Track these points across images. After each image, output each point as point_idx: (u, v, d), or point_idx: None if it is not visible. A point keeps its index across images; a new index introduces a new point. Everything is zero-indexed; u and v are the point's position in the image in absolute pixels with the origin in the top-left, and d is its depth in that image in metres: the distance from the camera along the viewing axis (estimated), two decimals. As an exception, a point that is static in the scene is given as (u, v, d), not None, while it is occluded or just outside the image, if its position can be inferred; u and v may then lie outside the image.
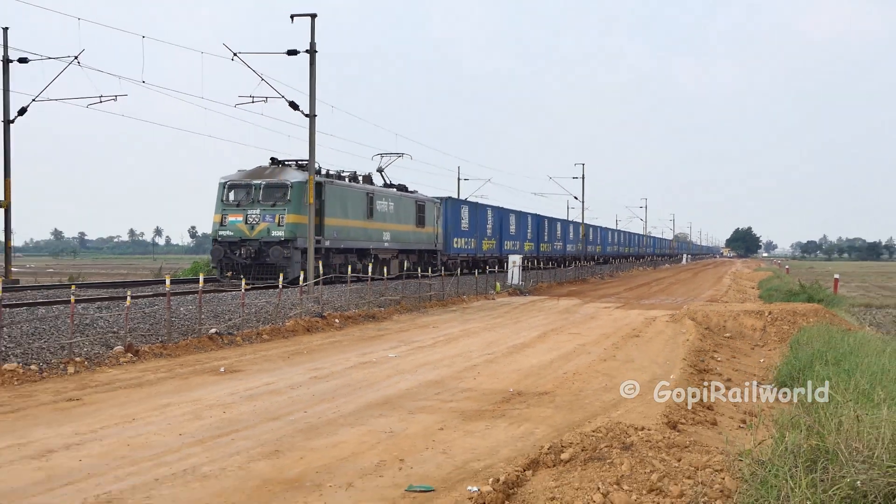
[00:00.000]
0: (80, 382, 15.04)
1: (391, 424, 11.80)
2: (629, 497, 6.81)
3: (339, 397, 13.97)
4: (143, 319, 20.62)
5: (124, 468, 9.41)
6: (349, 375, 16.39)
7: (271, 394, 14.27)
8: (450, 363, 18.22)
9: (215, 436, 11.04)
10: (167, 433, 11.15)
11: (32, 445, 10.38)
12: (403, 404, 13.38)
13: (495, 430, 11.58)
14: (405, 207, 44.22)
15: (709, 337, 22.78)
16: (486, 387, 15.12)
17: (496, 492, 7.36)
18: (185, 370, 16.76)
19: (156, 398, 13.71)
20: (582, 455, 7.89)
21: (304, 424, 11.80)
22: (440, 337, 23.57)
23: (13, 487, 8.62)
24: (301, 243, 31.66)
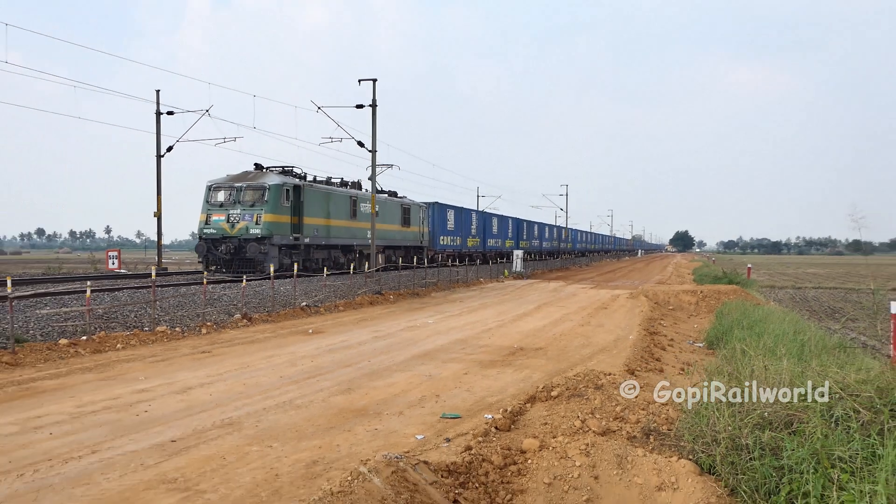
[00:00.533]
0: (209, 340, 15.11)
1: (430, 370, 11.79)
2: (600, 423, 6.74)
3: (393, 351, 13.96)
4: (254, 296, 20.72)
5: (241, 400, 9.44)
6: (400, 336, 16.39)
7: (345, 348, 14.28)
8: (471, 327, 18.19)
9: (305, 378, 11.05)
10: (271, 376, 11.18)
11: (177, 384, 10.43)
12: (438, 356, 13.36)
13: (504, 375, 11.54)
14: (391, 210, 38.57)
15: (657, 309, 22.69)
16: (497, 344, 15.08)
17: (504, 418, 7.34)
18: (284, 331, 16.80)
19: (263, 351, 13.76)
20: (566, 393, 7.84)
21: (367, 370, 11.80)
22: (464, 309, 23.55)
23: (164, 413, 8.67)
24: (277, 240, 27.04)
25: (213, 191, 27.63)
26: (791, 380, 6.22)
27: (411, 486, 5.36)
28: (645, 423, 6.78)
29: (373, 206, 32.48)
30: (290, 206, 27.75)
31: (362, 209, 34.26)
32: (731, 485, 5.42)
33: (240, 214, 26.61)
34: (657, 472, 5.70)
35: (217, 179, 28.20)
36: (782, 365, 6.68)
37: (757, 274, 47.29)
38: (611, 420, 6.89)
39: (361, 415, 8.75)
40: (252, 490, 6.02)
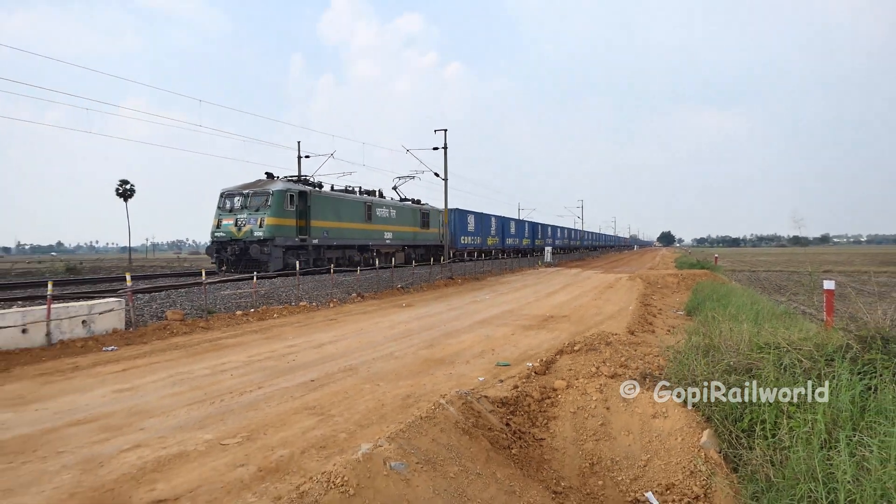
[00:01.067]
0: (336, 311, 15.35)
1: (487, 332, 11.74)
2: (610, 369, 6.61)
3: (461, 318, 13.96)
4: (365, 281, 20.97)
5: (357, 353, 9.56)
6: (466, 308, 16.37)
7: (428, 317, 14.34)
8: (515, 301, 18.06)
9: (401, 337, 11.13)
10: (377, 336, 11.29)
11: (314, 341, 10.62)
12: (493, 322, 13.30)
13: (540, 335, 11.42)
14: (409, 214, 32.65)
15: (649, 287, 22.15)
16: (534, 313, 14.94)
17: (541, 366, 7.26)
18: (386, 305, 16.96)
19: (372, 319, 13.91)
20: (584, 347, 7.71)
21: (443, 332, 11.82)
22: (510, 289, 23.41)
23: (306, 362, 8.83)
24: (281, 241, 21.93)
25: (225, 198, 23.16)
26: (749, 338, 6.02)
27: (476, 413, 5.36)
28: (643, 370, 6.63)
29: (445, 217, 32.56)
30: (294, 211, 22.73)
31: (378, 213, 29.07)
32: (707, 414, 5.28)
33: (246, 219, 22.00)
34: (652, 405, 5.58)
35: (229, 188, 23.67)
36: (743, 327, 6.47)
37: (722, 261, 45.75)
38: (618, 367, 6.75)
39: (440, 363, 8.78)
40: (366, 415, 6.11)
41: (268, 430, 5.60)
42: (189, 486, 4.29)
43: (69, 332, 10.05)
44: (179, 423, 5.79)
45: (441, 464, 4.32)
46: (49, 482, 4.37)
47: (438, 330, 12.07)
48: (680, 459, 4.91)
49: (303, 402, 6.60)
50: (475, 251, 43.58)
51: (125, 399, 6.71)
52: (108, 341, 10.15)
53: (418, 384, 7.43)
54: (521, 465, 5.00)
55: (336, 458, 4.51)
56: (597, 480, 5.06)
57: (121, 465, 4.71)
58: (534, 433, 5.62)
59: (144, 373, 8.07)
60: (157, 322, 11.93)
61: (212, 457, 4.88)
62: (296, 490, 3.68)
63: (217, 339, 10.90)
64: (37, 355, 9.02)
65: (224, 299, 14.77)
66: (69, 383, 7.48)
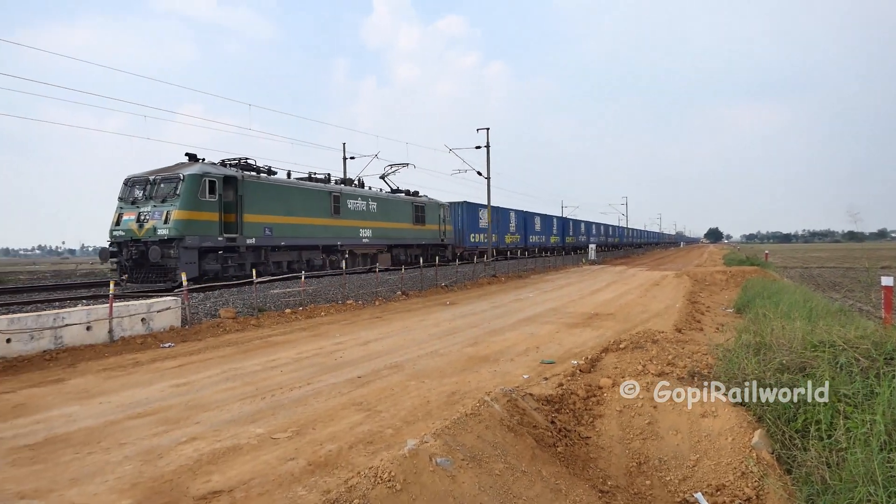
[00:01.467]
0: (381, 309, 15.50)
1: (531, 330, 11.68)
2: (657, 367, 6.50)
3: (505, 316, 13.92)
4: (410, 279, 21.09)
5: (402, 350, 9.63)
6: (509, 305, 16.32)
7: (472, 314, 14.35)
8: (560, 299, 17.90)
9: (445, 335, 11.17)
10: (422, 333, 11.36)
11: (360, 339, 10.76)
12: (537, 319, 13.22)
13: (585, 333, 11.30)
14: (397, 208, 27.26)
15: (696, 285, 21.63)
16: (579, 311, 14.78)
17: (586, 363, 7.19)
18: (430, 303, 17.04)
19: (416, 317, 14.00)
20: (630, 345, 7.60)
21: (488, 329, 11.81)
22: (554, 286, 23.21)
23: (352, 359, 8.95)
24: (193, 241, 16.19)
25: (129, 186, 17.28)
26: (802, 336, 5.82)
27: (521, 411, 5.34)
28: (690, 368, 6.48)
29: (489, 218, 32.46)
30: (217, 202, 16.80)
31: (351, 206, 23.45)
32: (759, 414, 5.13)
33: (150, 212, 16.39)
34: (701, 404, 5.45)
35: (136, 174, 17.61)
36: (795, 325, 6.25)
37: (773, 258, 44.15)
38: (664, 365, 6.63)
39: (484, 361, 8.77)
40: (412, 411, 6.16)
41: (316, 425, 5.71)
42: (242, 479, 4.41)
43: (130, 329, 10.45)
44: (233, 417, 5.96)
45: (486, 461, 4.33)
46: (112, 472, 4.56)
47: (482, 328, 12.06)
48: (731, 460, 4.79)
49: (350, 398, 6.70)
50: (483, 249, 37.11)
51: (182, 393, 6.94)
52: (166, 338, 10.51)
53: (463, 381, 7.44)
54: (567, 464, 4.96)
55: (383, 453, 4.56)
56: (644, 480, 4.98)
57: (178, 456, 4.88)
58: (579, 431, 5.57)
59: (199, 368, 8.33)
60: (210, 320, 12.29)
61: (263, 450, 5.01)
62: (344, 484, 3.75)
63: (267, 336, 11.16)
64: (100, 351, 9.41)
65: (274, 298, 15.09)
66: (130, 378, 7.79)
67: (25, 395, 6.95)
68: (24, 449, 5.10)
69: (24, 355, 8.68)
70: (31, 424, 5.80)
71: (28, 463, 4.78)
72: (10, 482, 4.39)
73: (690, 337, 9.54)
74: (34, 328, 8.98)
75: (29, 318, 9.01)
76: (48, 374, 7.98)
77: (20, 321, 8.86)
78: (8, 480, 4.42)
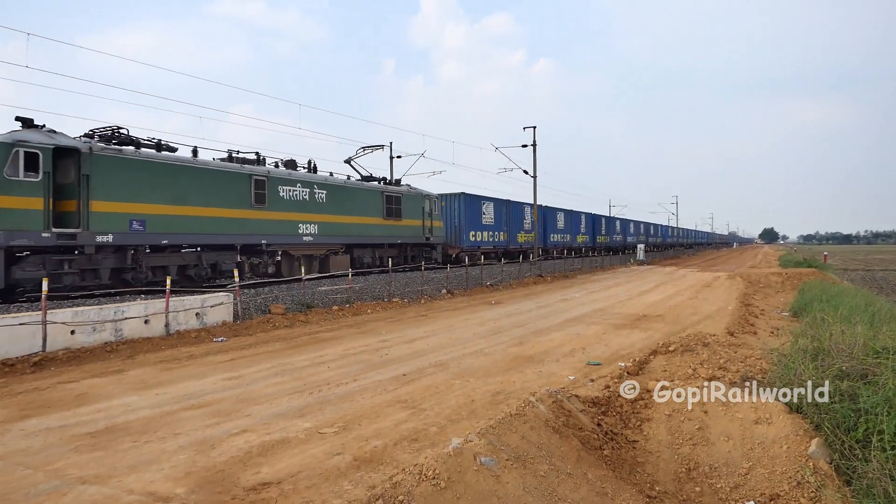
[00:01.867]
0: (426, 307, 15.57)
1: (578, 330, 11.53)
2: (707, 371, 6.32)
3: (551, 316, 13.78)
4: (455, 278, 21.11)
5: (447, 348, 9.65)
6: (555, 305, 16.16)
7: (517, 314, 14.26)
8: (607, 300, 17.62)
9: (490, 334, 11.14)
10: (467, 332, 11.35)
11: (406, 337, 10.82)
12: (583, 320, 13.04)
13: (632, 334, 11.09)
14: (358, 198, 20.89)
15: (750, 287, 20.97)
16: (626, 312, 14.52)
17: (634, 366, 7.05)
18: (475, 302, 17.02)
19: (461, 315, 14.00)
20: (680, 348, 7.41)
21: (533, 329, 11.72)
22: (601, 287, 22.86)
23: (398, 356, 9.02)
24: (2, 240, 11.18)
25: None
26: (864, 342, 5.56)
27: (566, 412, 5.27)
28: (743, 373, 6.27)
29: (535, 215, 32.16)
30: (41, 183, 11.61)
31: (283, 194, 17.62)
32: (816, 422, 4.92)
33: None
34: (754, 410, 5.27)
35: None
36: (857, 329, 5.98)
37: (832, 259, 42.38)
38: (716, 369, 6.43)
39: (529, 361, 8.71)
40: (456, 409, 6.15)
41: (362, 420, 5.77)
42: (290, 471, 4.49)
43: (185, 323, 10.79)
44: (281, 411, 6.08)
45: (531, 462, 4.29)
46: (167, 461, 4.71)
47: (528, 328, 11.97)
48: (785, 469, 4.61)
49: (395, 395, 6.74)
50: (493, 251, 31.69)
51: (233, 387, 7.12)
52: (218, 332, 10.80)
53: (508, 381, 7.40)
54: (614, 467, 4.87)
55: (427, 451, 4.57)
56: (694, 486, 4.84)
57: (229, 448, 5.01)
58: (626, 434, 5.46)
59: (250, 362, 8.53)
60: (261, 315, 12.58)
61: (311, 444, 5.09)
62: (389, 480, 3.77)
63: (315, 332, 11.35)
64: (157, 344, 9.75)
65: (321, 295, 15.34)
66: (184, 370, 8.04)
67: (88, 384, 7.25)
68: (85, 436, 5.32)
69: (87, 346, 9.07)
70: (92, 413, 6.05)
71: (89, 450, 4.98)
72: (73, 468, 4.58)
73: (743, 341, 9.25)
74: (96, 321, 9.37)
75: (92, 311, 9.41)
76: (109, 365, 8.31)
77: (83, 314, 9.26)
78: (71, 466, 4.62)
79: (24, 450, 4.98)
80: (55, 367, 8.15)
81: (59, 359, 8.43)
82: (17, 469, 4.55)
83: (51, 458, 4.77)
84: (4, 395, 6.75)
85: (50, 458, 4.79)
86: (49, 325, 8.65)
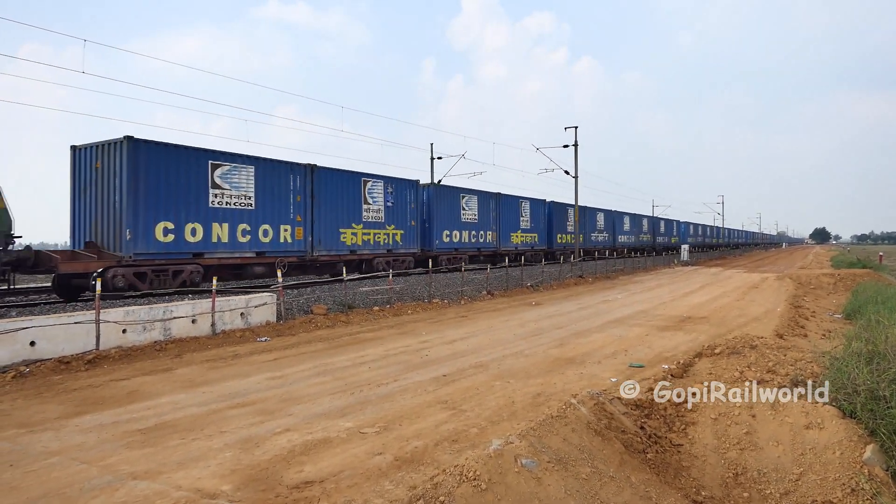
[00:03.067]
0: (466, 308, 15.56)
1: (619, 332, 11.36)
2: (755, 374, 6.13)
3: (592, 318, 13.61)
4: (496, 279, 21.03)
5: (488, 349, 9.62)
6: (596, 307, 15.94)
7: (557, 315, 14.13)
8: (649, 301, 17.30)
9: (530, 335, 11.06)
10: (507, 333, 11.30)
11: (446, 337, 10.83)
12: (625, 322, 12.83)
13: (676, 336, 10.86)
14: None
15: (800, 288, 20.31)
16: (670, 314, 14.22)
17: (678, 368, 6.90)
18: (515, 303, 16.93)
19: (501, 316, 13.95)
20: (726, 351, 7.21)
21: (574, 331, 11.59)
22: (644, 288, 22.45)
23: (438, 357, 9.03)
24: None
25: None
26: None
27: (608, 414, 5.19)
28: (793, 376, 6.07)
29: (576, 216, 31.82)
30: None
31: None
32: (871, 427, 4.72)
33: None
34: (805, 414, 5.09)
35: None
36: (915, 333, 5.72)
37: (888, 260, 40.59)
38: (764, 373, 6.24)
39: (570, 362, 8.62)
40: (497, 411, 6.13)
41: (403, 421, 5.80)
42: (332, 471, 4.55)
43: (230, 322, 11.05)
44: (323, 411, 6.16)
45: (572, 464, 4.24)
46: (214, 458, 4.83)
47: (568, 329, 11.85)
48: (839, 475, 4.44)
49: (435, 395, 6.76)
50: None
51: (277, 386, 7.25)
52: (262, 332, 11.02)
53: (548, 383, 7.33)
54: (658, 471, 4.77)
55: (468, 452, 4.57)
56: (741, 492, 4.71)
57: (273, 446, 5.10)
58: (671, 438, 5.34)
59: (293, 362, 8.67)
60: (303, 316, 12.78)
61: (352, 444, 5.14)
62: (430, 481, 3.78)
63: (356, 332, 11.46)
64: (203, 343, 10.01)
65: (362, 295, 15.49)
66: (230, 369, 8.22)
67: (138, 382, 7.49)
68: (136, 433, 5.50)
69: (138, 345, 9.37)
70: (142, 410, 6.24)
71: (140, 446, 5.14)
72: (124, 463, 4.74)
73: (793, 343, 8.94)
74: (146, 320, 9.67)
75: (142, 311, 9.72)
76: (158, 364, 8.56)
77: (134, 313, 9.57)
78: (122, 462, 4.78)
79: (79, 445, 5.17)
80: (108, 364, 8.45)
81: (111, 357, 8.73)
82: (73, 464, 4.73)
83: (104, 454, 4.94)
84: (61, 391, 7.02)
85: (103, 453, 4.97)
86: (102, 324, 8.98)
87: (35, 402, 6.56)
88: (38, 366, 7.99)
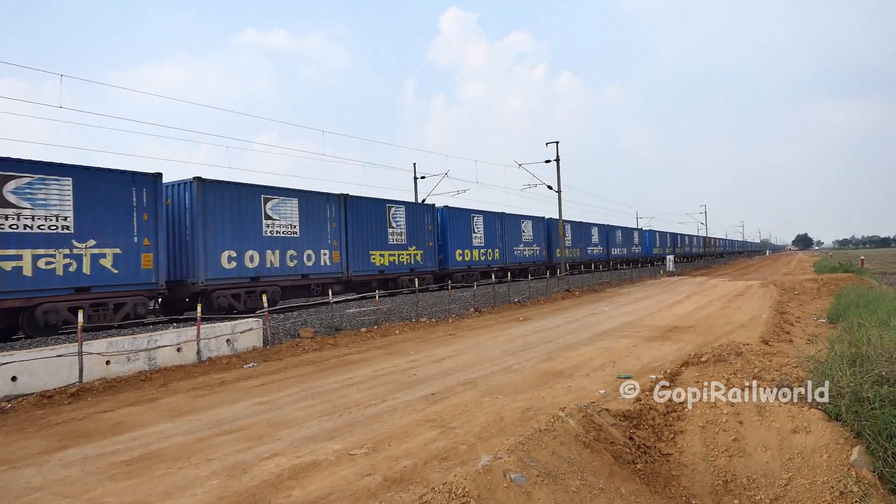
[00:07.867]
0: (454, 326, 15.53)
1: (607, 344, 11.39)
2: (741, 381, 6.17)
3: (579, 331, 13.64)
4: (483, 296, 21.00)
5: (476, 366, 9.60)
6: (584, 320, 15.98)
7: (545, 330, 14.14)
8: (636, 312, 17.37)
9: (519, 351, 11.06)
10: (495, 350, 11.29)
11: (434, 356, 10.80)
12: (613, 334, 12.88)
13: (663, 346, 10.91)
14: None
15: (785, 294, 20.51)
16: (657, 324, 14.30)
17: (665, 378, 6.92)
18: (503, 319, 16.92)
19: (490, 333, 13.93)
20: (713, 359, 7.26)
21: (562, 344, 11.61)
22: (631, 299, 22.55)
23: (426, 375, 9.00)
24: None
25: None
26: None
27: (597, 426, 5.20)
28: (779, 381, 6.12)
29: (561, 238, 32.00)
30: None
31: None
32: (856, 429, 4.76)
33: None
34: (791, 419, 5.13)
35: None
36: (894, 333, 5.80)
37: (869, 264, 41.18)
38: (750, 379, 6.28)
39: (558, 376, 8.62)
40: (486, 427, 6.11)
41: (392, 441, 5.76)
42: (321, 493, 4.50)
43: (216, 349, 10.94)
44: (312, 434, 6.10)
45: (562, 477, 4.23)
46: (201, 486, 4.76)
47: (557, 343, 11.86)
48: (827, 478, 4.47)
49: (424, 414, 6.73)
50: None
51: (264, 411, 7.18)
52: (249, 358, 10.92)
53: (537, 397, 7.33)
54: (647, 481, 4.77)
55: (457, 469, 4.54)
56: (731, 499, 4.72)
57: (261, 472, 5.04)
58: (660, 448, 5.35)
59: (281, 387, 8.59)
60: (290, 340, 12.69)
61: (341, 466, 5.09)
62: (419, 500, 3.75)
63: (344, 354, 11.40)
64: (189, 371, 9.89)
65: (349, 317, 15.42)
66: (216, 397, 8.13)
67: (123, 413, 7.38)
68: (121, 464, 5.41)
69: (122, 376, 9.24)
70: (127, 441, 6.15)
71: (125, 477, 5.06)
72: (109, 496, 4.66)
73: (778, 349, 9.04)
74: (130, 350, 9.55)
75: (125, 341, 9.60)
76: (143, 394, 8.45)
77: (118, 344, 9.45)
78: (107, 494, 4.69)
79: (63, 479, 5.07)
80: (91, 396, 8.32)
81: (95, 389, 8.60)
82: (57, 499, 4.64)
83: (88, 487, 4.86)
84: (44, 426, 6.90)
85: (87, 486, 4.88)
86: (84, 356, 8.85)
87: (17, 438, 6.44)
88: (20, 401, 7.85)
